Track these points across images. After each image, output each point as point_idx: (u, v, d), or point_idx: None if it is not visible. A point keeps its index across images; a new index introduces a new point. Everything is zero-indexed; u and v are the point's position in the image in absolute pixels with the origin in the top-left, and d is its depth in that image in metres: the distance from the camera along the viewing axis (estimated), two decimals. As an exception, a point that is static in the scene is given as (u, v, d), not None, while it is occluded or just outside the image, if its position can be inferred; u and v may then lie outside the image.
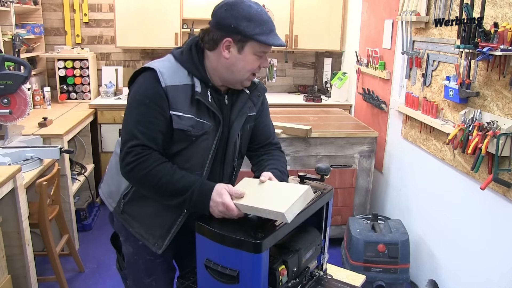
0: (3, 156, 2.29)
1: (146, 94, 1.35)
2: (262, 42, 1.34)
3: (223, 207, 1.24)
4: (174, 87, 1.35)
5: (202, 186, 1.31)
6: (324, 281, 1.47)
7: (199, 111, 1.39)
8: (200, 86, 1.39)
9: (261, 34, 1.34)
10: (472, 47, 2.03)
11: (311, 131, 2.98)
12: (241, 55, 1.37)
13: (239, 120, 1.48)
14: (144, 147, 1.33)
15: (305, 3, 4.11)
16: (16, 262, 2.20)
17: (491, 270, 2.09)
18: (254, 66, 1.40)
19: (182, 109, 1.36)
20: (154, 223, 1.48)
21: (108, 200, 1.59)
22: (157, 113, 1.34)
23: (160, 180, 1.32)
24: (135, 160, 1.33)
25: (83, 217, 3.51)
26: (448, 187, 2.44)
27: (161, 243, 1.49)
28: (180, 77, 1.38)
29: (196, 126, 1.38)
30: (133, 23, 3.93)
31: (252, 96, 1.53)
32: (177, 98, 1.35)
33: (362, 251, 2.55)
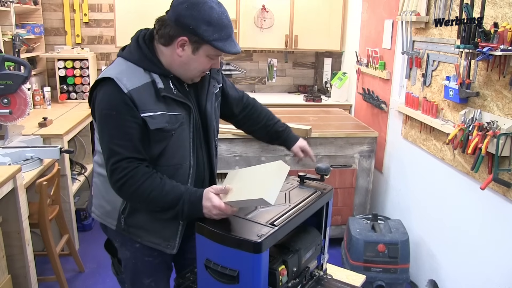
0: (3, 156, 2.29)
1: (111, 106, 1.32)
2: (218, 48, 1.32)
3: (217, 210, 1.25)
4: (136, 89, 1.32)
5: (191, 196, 1.30)
6: (324, 281, 1.47)
7: (168, 105, 1.37)
8: (161, 80, 1.37)
9: (218, 40, 1.31)
10: (472, 47, 2.03)
11: (311, 131, 2.98)
12: (195, 56, 1.36)
13: (210, 101, 1.50)
14: (128, 159, 1.31)
15: (305, 3, 4.11)
16: (16, 262, 2.20)
17: (491, 270, 2.09)
18: (206, 67, 1.40)
19: (151, 108, 1.33)
20: (161, 226, 1.47)
21: (107, 220, 1.54)
22: (128, 121, 1.31)
23: (150, 194, 1.31)
24: (123, 176, 1.31)
25: (83, 217, 3.51)
26: (448, 187, 2.44)
27: (173, 243, 1.49)
28: (138, 77, 1.35)
29: (170, 120, 1.37)
30: (133, 23, 3.93)
31: (213, 74, 1.54)
32: (143, 99, 1.32)
33: (362, 251, 2.55)
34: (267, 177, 1.25)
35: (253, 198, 1.19)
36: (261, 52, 4.59)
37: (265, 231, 1.16)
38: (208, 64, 1.39)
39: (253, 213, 1.29)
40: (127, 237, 1.53)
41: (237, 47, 1.37)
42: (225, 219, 1.26)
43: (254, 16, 4.10)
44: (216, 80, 1.57)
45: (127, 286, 1.67)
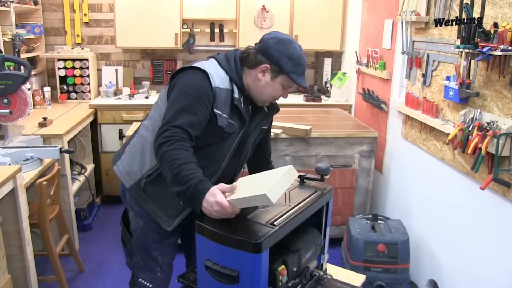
0: (3, 156, 2.29)
1: (195, 88, 1.52)
2: (293, 80, 1.57)
3: (218, 206, 1.26)
4: (220, 89, 1.55)
5: (199, 185, 1.35)
6: (324, 281, 1.47)
7: (232, 113, 1.59)
8: (238, 93, 1.60)
9: (294, 73, 1.57)
10: (472, 47, 2.03)
11: (311, 131, 2.98)
12: (272, 82, 1.59)
13: (255, 131, 1.72)
14: (183, 131, 1.45)
15: (305, 3, 4.11)
16: (16, 262, 2.20)
17: (491, 270, 2.09)
18: (278, 94, 1.64)
19: (222, 109, 1.55)
20: (170, 204, 1.63)
21: (125, 177, 1.72)
22: (202, 107, 1.50)
23: (175, 160, 1.40)
24: (171, 136, 1.43)
25: (83, 217, 3.51)
26: (448, 187, 2.44)
27: (171, 222, 1.66)
28: (224, 82, 1.58)
29: (228, 125, 1.58)
30: (133, 23, 3.94)
31: (268, 114, 1.78)
32: (221, 99, 1.55)
33: (362, 251, 2.56)
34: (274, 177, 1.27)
35: (256, 195, 1.20)
36: (261, 52, 4.58)
37: (265, 231, 1.16)
38: (280, 92, 1.63)
39: (253, 213, 1.29)
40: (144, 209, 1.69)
41: (306, 83, 1.62)
42: (225, 219, 1.26)
43: (254, 16, 4.10)
44: (268, 118, 1.79)
45: (135, 258, 1.81)
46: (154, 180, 1.64)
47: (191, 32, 4.13)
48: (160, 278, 1.79)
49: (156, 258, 1.76)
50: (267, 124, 1.82)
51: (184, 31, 4.11)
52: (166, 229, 1.67)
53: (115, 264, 3.04)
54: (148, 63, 4.42)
